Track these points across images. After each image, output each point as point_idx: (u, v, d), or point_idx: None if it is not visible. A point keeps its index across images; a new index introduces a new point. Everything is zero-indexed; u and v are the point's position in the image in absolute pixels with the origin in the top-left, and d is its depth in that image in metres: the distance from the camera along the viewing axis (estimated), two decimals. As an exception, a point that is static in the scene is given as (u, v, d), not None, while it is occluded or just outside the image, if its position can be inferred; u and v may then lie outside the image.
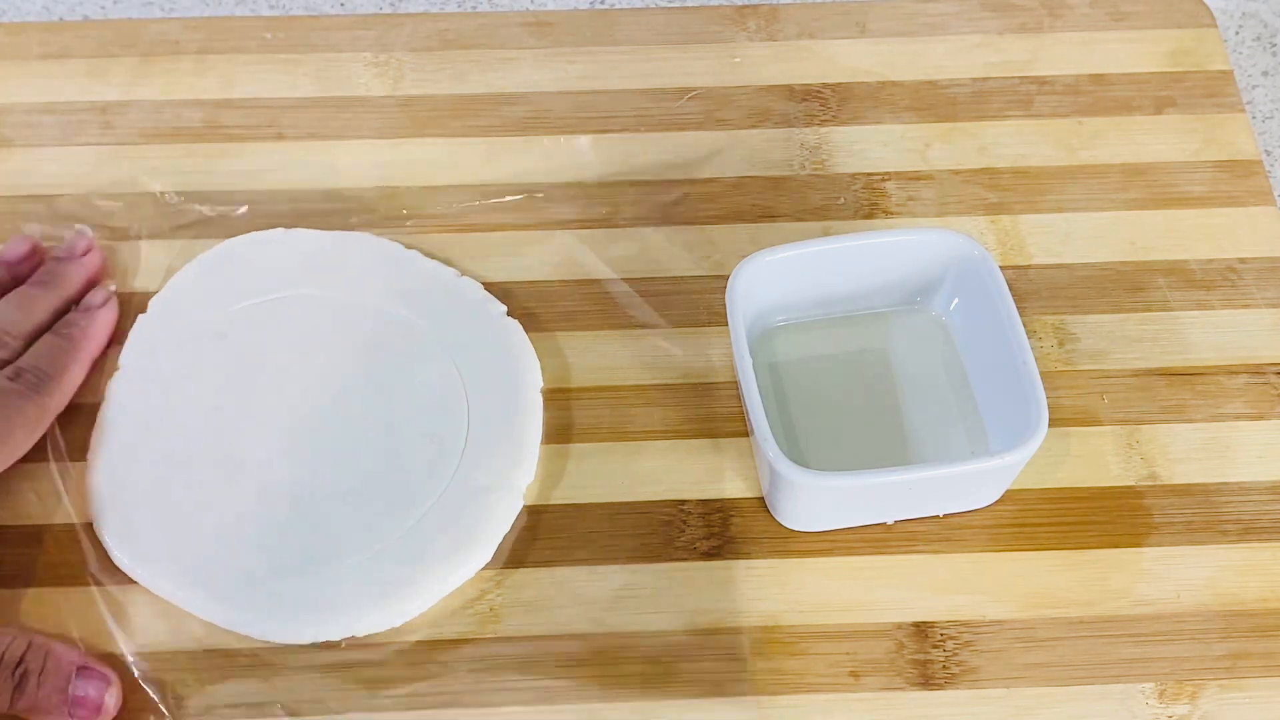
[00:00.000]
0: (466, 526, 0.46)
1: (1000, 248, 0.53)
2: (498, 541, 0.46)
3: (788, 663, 0.44)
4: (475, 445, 0.48)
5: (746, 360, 0.45)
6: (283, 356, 0.50)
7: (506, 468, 0.47)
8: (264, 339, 0.50)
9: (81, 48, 0.59)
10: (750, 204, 0.55)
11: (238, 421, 0.48)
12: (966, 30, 0.60)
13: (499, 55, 0.59)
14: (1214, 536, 0.47)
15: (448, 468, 0.47)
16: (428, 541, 0.45)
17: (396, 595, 0.44)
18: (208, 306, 0.51)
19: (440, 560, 0.45)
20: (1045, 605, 0.45)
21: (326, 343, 0.50)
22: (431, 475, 0.47)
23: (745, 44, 0.60)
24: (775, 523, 0.47)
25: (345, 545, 0.45)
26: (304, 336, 0.50)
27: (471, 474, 0.47)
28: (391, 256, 0.52)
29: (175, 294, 0.51)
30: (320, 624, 0.44)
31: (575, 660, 0.44)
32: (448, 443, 0.48)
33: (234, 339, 0.50)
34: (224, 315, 0.51)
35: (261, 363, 0.50)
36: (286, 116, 0.57)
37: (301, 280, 0.52)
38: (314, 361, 0.50)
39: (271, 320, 0.51)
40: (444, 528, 0.46)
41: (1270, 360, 0.51)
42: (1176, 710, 0.43)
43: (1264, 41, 0.67)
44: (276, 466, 0.47)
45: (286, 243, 0.53)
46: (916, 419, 0.49)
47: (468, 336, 0.50)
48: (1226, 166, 0.56)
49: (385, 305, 0.51)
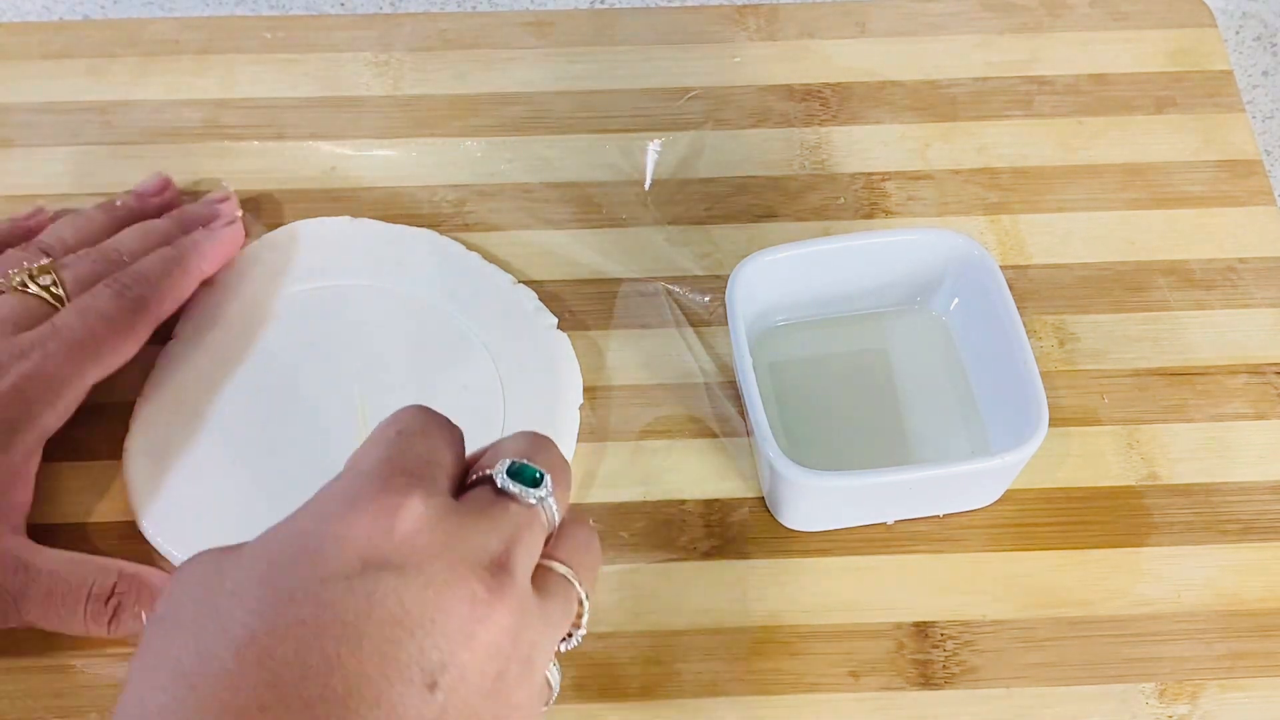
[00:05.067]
0: None
1: (1000, 248, 0.53)
2: None
3: (787, 662, 0.44)
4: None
5: (746, 360, 0.45)
6: (331, 344, 0.50)
7: None
8: (315, 325, 0.50)
9: (81, 48, 0.59)
10: (750, 204, 0.55)
11: (279, 405, 0.48)
12: (966, 30, 0.60)
13: (499, 55, 0.59)
14: (1214, 536, 0.47)
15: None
16: None
17: None
18: (266, 286, 0.51)
19: None
20: (1045, 605, 0.45)
21: (375, 335, 0.50)
22: None
23: (745, 44, 0.60)
24: (775, 523, 0.47)
25: None
26: (354, 327, 0.50)
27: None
28: (451, 256, 0.52)
29: (238, 270, 0.52)
30: None
31: (575, 660, 0.44)
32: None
33: (286, 321, 0.50)
34: (280, 297, 0.51)
35: (309, 348, 0.50)
36: (286, 116, 0.57)
37: (360, 270, 0.52)
38: (360, 352, 0.50)
39: (325, 307, 0.51)
40: None
41: (1270, 360, 0.51)
42: (1176, 710, 0.43)
43: (1264, 41, 0.67)
44: (311, 453, 0.47)
45: (350, 231, 0.53)
46: (916, 419, 0.49)
47: (515, 345, 0.50)
48: (1226, 166, 0.56)
49: (438, 304, 0.51)
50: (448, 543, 0.33)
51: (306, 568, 0.32)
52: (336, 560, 0.32)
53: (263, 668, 0.30)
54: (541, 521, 0.35)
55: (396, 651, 0.31)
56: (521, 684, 0.34)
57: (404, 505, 0.32)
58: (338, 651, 0.31)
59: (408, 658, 0.31)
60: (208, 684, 0.30)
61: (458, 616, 0.32)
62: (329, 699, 0.30)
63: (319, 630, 0.31)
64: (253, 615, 0.31)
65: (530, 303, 0.51)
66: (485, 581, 0.33)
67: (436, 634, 0.31)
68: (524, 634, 0.33)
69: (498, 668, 0.33)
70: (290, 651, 0.30)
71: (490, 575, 0.33)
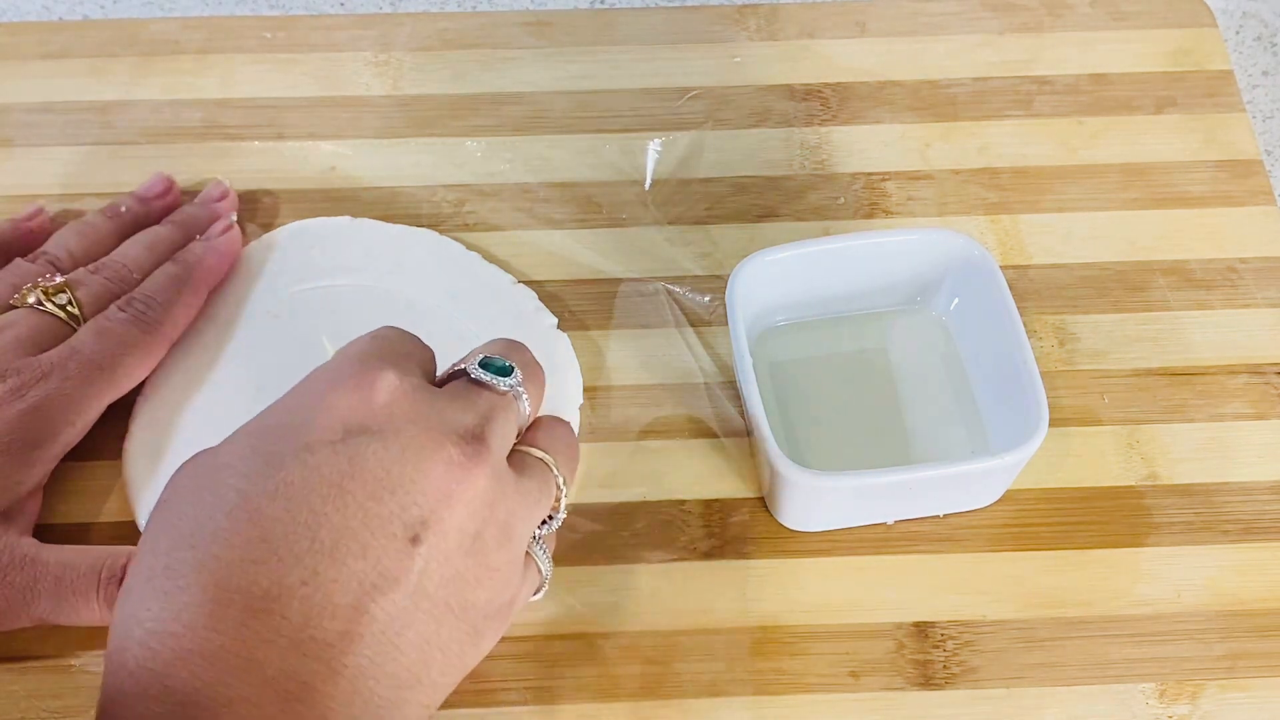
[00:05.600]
0: None
1: (1000, 248, 0.53)
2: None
3: (788, 662, 0.44)
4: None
5: (746, 360, 0.45)
6: (330, 344, 0.50)
7: None
8: (315, 324, 0.50)
9: (81, 48, 0.59)
10: (750, 204, 0.55)
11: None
12: (966, 30, 0.60)
13: (499, 55, 0.59)
14: (1214, 536, 0.47)
15: None
16: None
17: None
18: (267, 285, 0.51)
19: None
20: (1045, 605, 0.45)
21: None
22: None
23: (745, 44, 0.60)
24: (775, 523, 0.47)
25: None
26: (354, 326, 0.50)
27: None
28: (451, 256, 0.52)
29: (239, 270, 0.52)
30: None
31: (575, 660, 0.44)
32: None
33: (286, 320, 0.50)
34: (280, 297, 0.51)
35: (309, 348, 0.50)
36: (286, 116, 0.57)
37: (360, 270, 0.52)
38: None
39: (325, 306, 0.51)
40: None
41: (1270, 360, 0.51)
42: (1176, 710, 0.43)
43: (1264, 41, 0.67)
44: None
45: (351, 231, 0.53)
46: (916, 419, 0.49)
47: None
48: (1226, 166, 0.56)
49: (437, 304, 0.51)
50: (423, 413, 0.36)
51: (293, 437, 0.35)
52: (320, 429, 0.35)
53: (254, 524, 0.33)
54: (514, 409, 0.39)
55: (379, 508, 0.34)
56: (501, 548, 0.37)
57: (381, 378, 0.36)
58: (324, 509, 0.33)
59: (390, 514, 0.34)
60: (204, 542, 0.33)
61: (435, 477, 0.35)
62: (317, 551, 0.33)
63: (306, 490, 0.34)
64: (244, 479, 0.34)
65: (530, 303, 0.51)
66: (460, 447, 0.36)
67: (416, 492, 0.34)
68: (501, 500, 0.37)
69: (476, 527, 0.36)
70: (280, 509, 0.33)
71: (465, 443, 0.36)
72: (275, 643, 0.32)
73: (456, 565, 0.35)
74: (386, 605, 0.34)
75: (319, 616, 0.33)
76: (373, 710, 0.34)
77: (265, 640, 0.32)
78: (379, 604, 0.34)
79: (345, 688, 0.33)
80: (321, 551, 0.33)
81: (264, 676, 0.32)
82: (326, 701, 0.33)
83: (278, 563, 0.33)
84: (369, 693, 0.34)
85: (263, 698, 0.32)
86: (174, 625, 0.32)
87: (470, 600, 0.36)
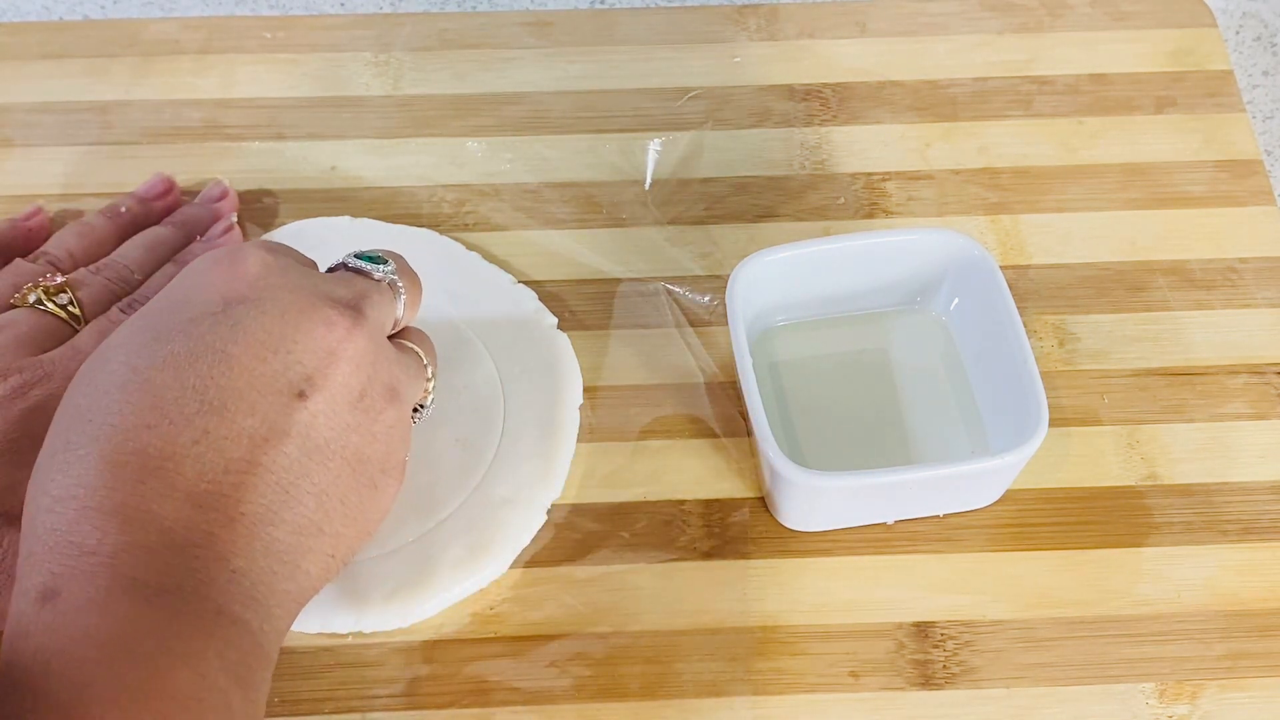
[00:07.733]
0: (484, 537, 0.45)
1: (1000, 248, 0.53)
2: (514, 555, 0.46)
3: (788, 662, 0.44)
4: (505, 456, 0.47)
5: (746, 360, 0.45)
6: None
7: (533, 482, 0.47)
8: None
9: (81, 48, 0.59)
10: (750, 204, 0.55)
11: None
12: (966, 30, 0.60)
13: (499, 55, 0.59)
14: (1214, 536, 0.47)
15: (475, 476, 0.47)
16: (444, 547, 0.45)
17: (406, 597, 0.44)
18: None
19: (453, 567, 0.45)
20: (1045, 605, 0.45)
21: None
22: (458, 481, 0.46)
23: (745, 44, 0.60)
24: (775, 523, 0.47)
25: None
26: None
27: (497, 485, 0.46)
28: (451, 256, 0.52)
29: None
30: (328, 616, 0.44)
31: (575, 660, 0.44)
32: (478, 450, 0.47)
33: None
34: None
35: None
36: (286, 116, 0.57)
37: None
38: None
39: None
40: (462, 535, 0.45)
41: (1270, 360, 0.51)
42: (1176, 710, 0.43)
43: (1264, 41, 0.67)
44: None
45: (350, 231, 0.53)
46: (916, 419, 0.49)
47: (515, 345, 0.50)
48: (1226, 166, 0.56)
49: (437, 304, 0.50)
50: (299, 283, 0.38)
51: (175, 314, 0.37)
52: (201, 303, 0.37)
53: (145, 393, 0.35)
54: (389, 296, 0.41)
55: (263, 368, 0.36)
56: (389, 406, 0.39)
57: (252, 255, 0.38)
58: (211, 372, 0.35)
59: (274, 373, 0.36)
60: (99, 415, 0.35)
61: (316, 337, 0.37)
62: (207, 411, 0.35)
63: (193, 358, 0.35)
64: (133, 354, 0.36)
65: (530, 303, 0.51)
66: (339, 311, 0.38)
67: (299, 351, 0.37)
68: (383, 364, 0.39)
69: (360, 385, 0.38)
70: (169, 377, 0.35)
71: (343, 309, 0.38)
72: (170, 496, 0.34)
73: (345, 419, 0.37)
74: (278, 456, 0.36)
75: (212, 471, 0.35)
76: (275, 555, 0.36)
77: (161, 494, 0.34)
78: (270, 455, 0.35)
79: (243, 533, 0.35)
80: (211, 412, 0.35)
81: (161, 526, 0.34)
82: (226, 546, 0.34)
83: (169, 425, 0.35)
84: (269, 538, 0.35)
85: (160, 544, 0.34)
86: (75, 489, 0.34)
87: (365, 454, 0.38)
